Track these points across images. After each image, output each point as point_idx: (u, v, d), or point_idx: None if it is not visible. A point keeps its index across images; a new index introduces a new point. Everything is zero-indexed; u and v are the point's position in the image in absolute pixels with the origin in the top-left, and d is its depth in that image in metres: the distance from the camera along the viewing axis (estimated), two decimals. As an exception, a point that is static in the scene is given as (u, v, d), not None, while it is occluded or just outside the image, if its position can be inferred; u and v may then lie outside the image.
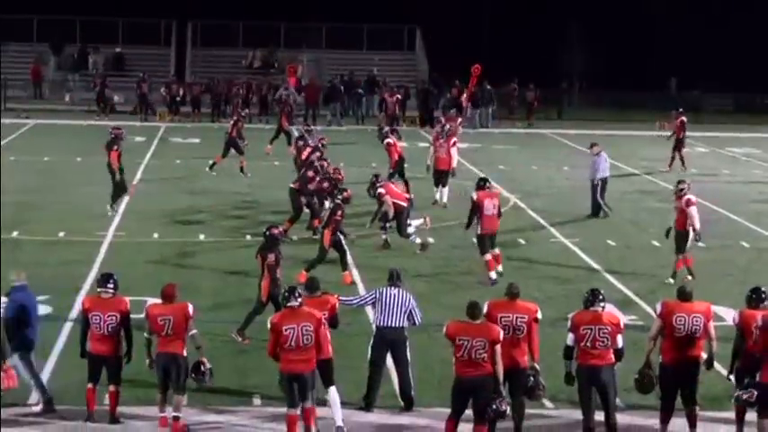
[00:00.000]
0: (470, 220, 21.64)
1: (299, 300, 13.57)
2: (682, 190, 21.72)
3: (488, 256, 21.33)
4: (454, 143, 29.58)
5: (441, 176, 28.78)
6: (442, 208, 28.03)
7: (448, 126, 31.64)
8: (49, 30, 56.60)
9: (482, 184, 21.79)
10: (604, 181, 28.23)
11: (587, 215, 28.02)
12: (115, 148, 26.89)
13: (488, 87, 50.01)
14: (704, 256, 24.19)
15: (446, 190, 28.74)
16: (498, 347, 13.08)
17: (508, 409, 13.23)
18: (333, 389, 14.05)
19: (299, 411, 13.51)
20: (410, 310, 14.79)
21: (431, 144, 30.15)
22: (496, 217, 21.45)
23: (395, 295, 14.80)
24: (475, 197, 21.48)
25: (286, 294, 13.68)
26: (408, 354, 14.84)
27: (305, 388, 13.48)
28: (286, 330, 13.33)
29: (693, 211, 21.58)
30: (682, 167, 36.34)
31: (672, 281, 21.17)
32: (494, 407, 13.03)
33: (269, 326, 13.51)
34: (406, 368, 14.82)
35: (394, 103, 47.76)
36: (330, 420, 13.94)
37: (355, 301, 15.52)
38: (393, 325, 14.70)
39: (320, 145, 27.98)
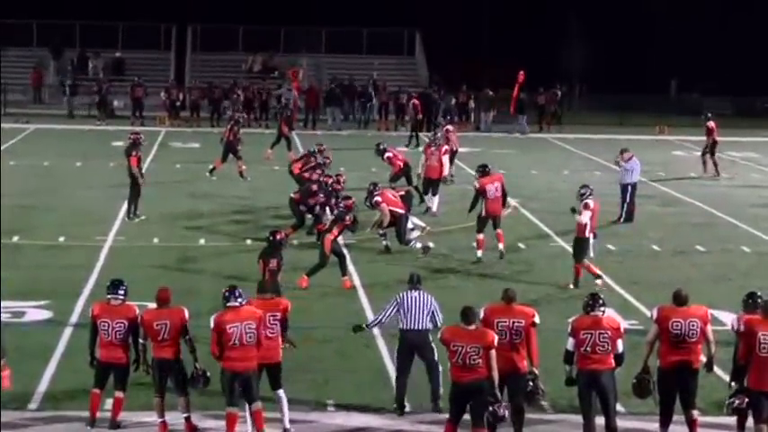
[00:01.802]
0: (473, 205, 23.29)
1: (240, 300, 13.63)
2: (583, 195, 21.24)
3: (481, 236, 22.94)
4: (446, 151, 29.36)
5: (431, 185, 28.71)
6: (433, 216, 27.89)
7: (438, 134, 31.71)
8: (48, 34, 56.62)
9: (483, 170, 23.25)
10: (634, 186, 27.95)
11: (615, 221, 27.36)
12: (134, 153, 26.81)
13: (490, 93, 49.98)
14: (704, 261, 24.22)
15: (436, 198, 28.60)
16: (493, 353, 13.05)
17: (507, 413, 13.20)
18: (281, 391, 14.07)
19: (239, 410, 13.55)
20: (432, 311, 14.82)
21: (423, 153, 30.00)
22: (500, 199, 22.92)
23: (416, 298, 14.85)
24: (477, 184, 23.10)
25: (226, 294, 13.72)
26: (436, 354, 14.75)
27: (249, 387, 13.54)
28: (230, 328, 13.41)
29: (584, 216, 20.91)
30: (714, 172, 36.25)
31: (572, 287, 21.10)
32: (492, 411, 13.01)
33: (211, 324, 13.53)
34: (435, 369, 14.76)
35: (416, 106, 46.84)
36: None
37: (382, 318, 15.30)
38: (417, 328, 14.69)
39: (324, 162, 27.69)
